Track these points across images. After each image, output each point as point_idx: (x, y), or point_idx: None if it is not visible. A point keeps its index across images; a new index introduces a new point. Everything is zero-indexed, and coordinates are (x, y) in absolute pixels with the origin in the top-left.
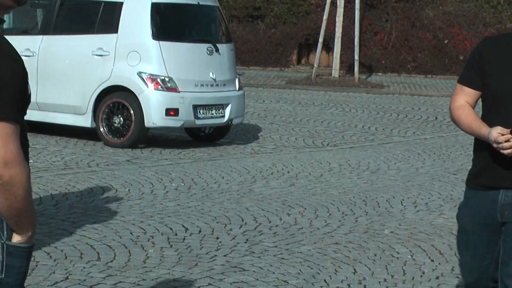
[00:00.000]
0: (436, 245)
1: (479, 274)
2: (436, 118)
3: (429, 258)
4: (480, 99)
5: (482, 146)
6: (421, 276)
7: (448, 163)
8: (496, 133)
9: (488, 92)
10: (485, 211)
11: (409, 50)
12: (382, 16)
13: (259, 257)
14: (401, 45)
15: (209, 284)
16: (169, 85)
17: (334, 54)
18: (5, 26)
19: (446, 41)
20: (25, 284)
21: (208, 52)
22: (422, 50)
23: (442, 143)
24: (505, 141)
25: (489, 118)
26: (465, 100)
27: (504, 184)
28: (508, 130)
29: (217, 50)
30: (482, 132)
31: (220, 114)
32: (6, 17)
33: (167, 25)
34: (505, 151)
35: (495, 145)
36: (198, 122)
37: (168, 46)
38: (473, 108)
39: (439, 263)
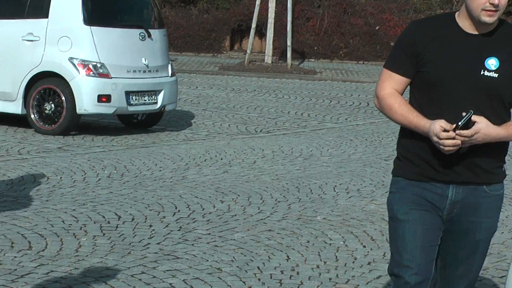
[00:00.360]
0: (368, 231)
1: (427, 273)
2: (368, 104)
3: (361, 244)
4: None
5: (422, 135)
6: (353, 262)
7: (379, 149)
8: (439, 127)
9: (423, 79)
10: (431, 200)
11: (341, 36)
12: (315, 2)
13: (193, 244)
14: (333, 31)
15: (142, 272)
16: (101, 71)
17: (267, 40)
18: None
19: (377, 28)
20: None
21: (141, 38)
22: (354, 36)
23: (374, 129)
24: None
25: (422, 107)
26: (394, 88)
27: (456, 179)
28: (453, 126)
29: (149, 35)
30: (422, 124)
31: (153, 101)
32: None
33: (99, 10)
34: (445, 148)
35: (434, 139)
36: (131, 108)
37: (100, 31)
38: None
39: (371, 249)
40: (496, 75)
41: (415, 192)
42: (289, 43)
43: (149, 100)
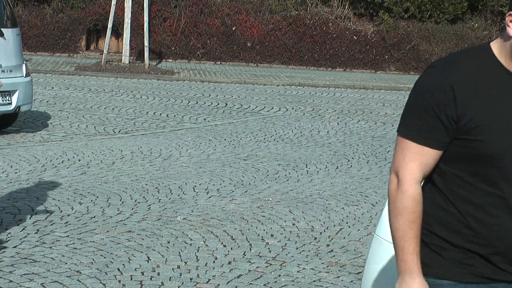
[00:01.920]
0: (228, 230)
1: None
2: (226, 104)
3: (222, 243)
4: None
5: (471, 214)
6: (213, 261)
7: (238, 149)
8: None
9: (469, 150)
10: None
11: (198, 36)
12: (171, 2)
13: (51, 247)
14: (190, 32)
15: None
16: None
17: (124, 40)
18: None
19: (234, 28)
20: None
21: None
22: (211, 37)
23: (232, 129)
24: None
25: (459, 187)
26: (423, 171)
27: None
28: None
29: (2, 35)
30: (412, 262)
31: (7, 101)
32: None
33: None
34: None
35: None
36: None
37: None
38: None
39: (231, 248)
40: None
41: None
42: (146, 43)
43: (2, 101)
